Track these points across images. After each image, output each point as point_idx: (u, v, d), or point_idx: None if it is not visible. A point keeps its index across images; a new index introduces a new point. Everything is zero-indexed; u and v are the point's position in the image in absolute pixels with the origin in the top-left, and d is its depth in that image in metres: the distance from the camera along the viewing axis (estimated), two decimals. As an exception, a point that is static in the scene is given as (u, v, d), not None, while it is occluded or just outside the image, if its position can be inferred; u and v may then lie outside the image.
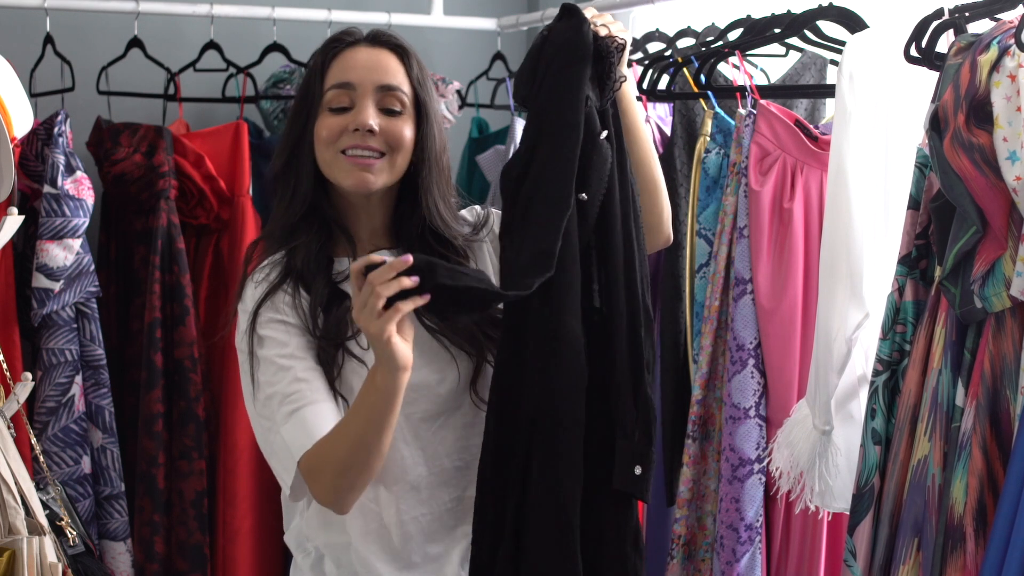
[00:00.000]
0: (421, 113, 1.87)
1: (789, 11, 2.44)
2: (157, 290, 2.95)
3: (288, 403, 1.77)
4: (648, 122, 2.69)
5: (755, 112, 2.33)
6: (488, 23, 3.54)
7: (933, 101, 1.70)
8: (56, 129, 2.79)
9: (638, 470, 1.77)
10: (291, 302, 1.83)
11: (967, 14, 1.77)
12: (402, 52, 1.88)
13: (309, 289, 1.84)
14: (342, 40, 1.89)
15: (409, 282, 1.62)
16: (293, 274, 1.84)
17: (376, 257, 1.66)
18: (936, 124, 1.65)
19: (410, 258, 1.63)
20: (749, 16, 2.50)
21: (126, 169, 2.99)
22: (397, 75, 1.86)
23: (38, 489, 2.27)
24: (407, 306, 1.63)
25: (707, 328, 2.36)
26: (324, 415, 1.77)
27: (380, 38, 1.89)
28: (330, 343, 1.82)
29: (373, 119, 1.82)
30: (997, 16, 1.76)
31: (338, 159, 1.83)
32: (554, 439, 1.75)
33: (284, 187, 1.88)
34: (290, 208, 1.87)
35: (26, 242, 2.83)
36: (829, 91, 2.42)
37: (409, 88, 1.86)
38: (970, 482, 1.61)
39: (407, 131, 1.85)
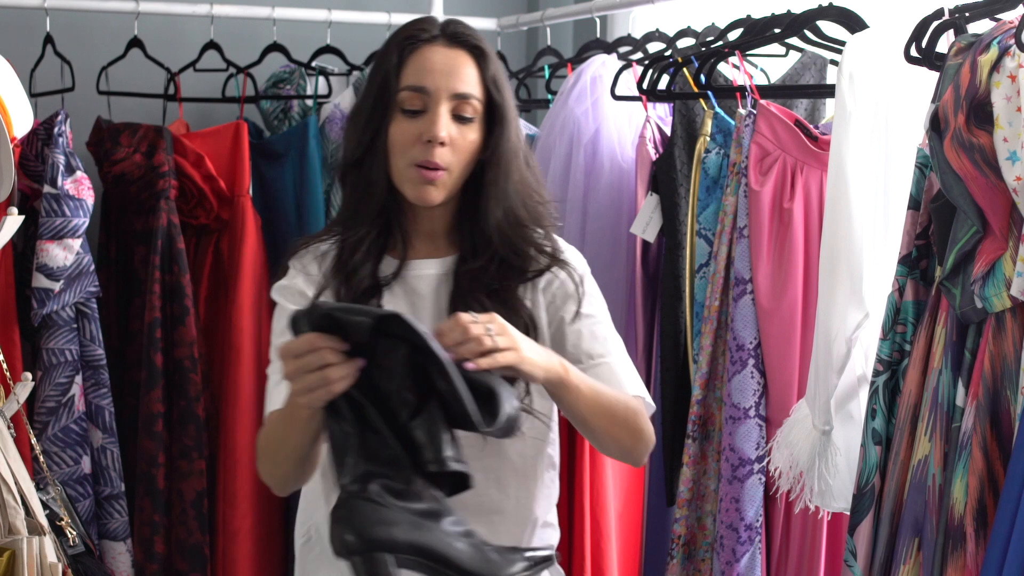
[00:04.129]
0: (494, 116, 1.83)
1: (789, 11, 2.44)
2: (157, 290, 2.95)
3: None
4: (648, 122, 2.70)
5: (755, 112, 2.33)
6: (488, 23, 3.53)
7: (933, 101, 1.70)
8: (56, 129, 2.78)
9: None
10: (316, 269, 1.83)
11: (967, 14, 1.77)
12: (478, 53, 1.83)
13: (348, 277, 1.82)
14: (418, 35, 1.83)
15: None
16: (343, 269, 1.83)
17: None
18: (936, 124, 1.65)
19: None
20: (749, 16, 2.50)
21: (126, 169, 2.99)
22: (471, 81, 1.81)
23: (38, 489, 2.28)
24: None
25: (707, 328, 2.36)
26: None
27: (458, 36, 1.84)
28: None
29: (445, 129, 1.78)
30: (997, 16, 1.76)
31: (409, 170, 1.79)
32: None
33: (357, 180, 1.85)
34: (361, 206, 1.84)
35: (26, 242, 2.82)
36: (829, 91, 2.42)
37: (482, 93, 1.82)
38: (970, 482, 1.61)
39: (472, 137, 1.81)
